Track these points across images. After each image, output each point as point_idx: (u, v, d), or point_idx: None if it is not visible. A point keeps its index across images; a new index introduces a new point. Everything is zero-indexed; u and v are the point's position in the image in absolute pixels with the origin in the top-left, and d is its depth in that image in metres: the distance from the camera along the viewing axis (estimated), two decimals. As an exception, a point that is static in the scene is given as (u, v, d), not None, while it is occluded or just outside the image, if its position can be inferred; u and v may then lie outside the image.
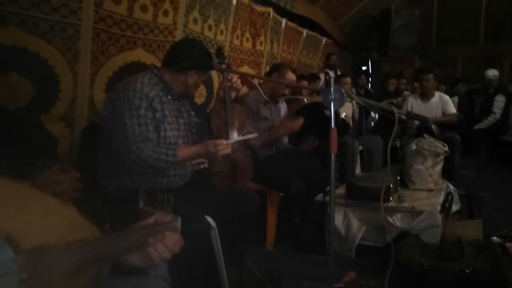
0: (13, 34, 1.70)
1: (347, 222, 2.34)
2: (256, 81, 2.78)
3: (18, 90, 1.73)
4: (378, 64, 6.50)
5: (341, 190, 2.59)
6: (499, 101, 5.15)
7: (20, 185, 0.65)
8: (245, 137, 1.86)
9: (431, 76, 4.07)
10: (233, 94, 1.91)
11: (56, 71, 1.89)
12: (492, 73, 5.33)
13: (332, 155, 1.46)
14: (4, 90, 1.69)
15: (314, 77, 4.54)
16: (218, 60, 1.95)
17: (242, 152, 2.06)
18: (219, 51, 2.00)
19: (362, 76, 5.20)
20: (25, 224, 0.61)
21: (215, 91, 3.13)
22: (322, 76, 5.28)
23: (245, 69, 3.69)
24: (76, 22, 1.94)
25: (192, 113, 1.96)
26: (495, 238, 2.40)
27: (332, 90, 1.44)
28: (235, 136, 1.89)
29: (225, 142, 1.65)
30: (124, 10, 2.21)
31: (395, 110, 1.41)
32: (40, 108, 1.85)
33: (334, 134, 1.46)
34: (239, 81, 1.87)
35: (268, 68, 3.91)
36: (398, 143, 4.27)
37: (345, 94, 1.44)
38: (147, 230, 0.80)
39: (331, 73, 5.44)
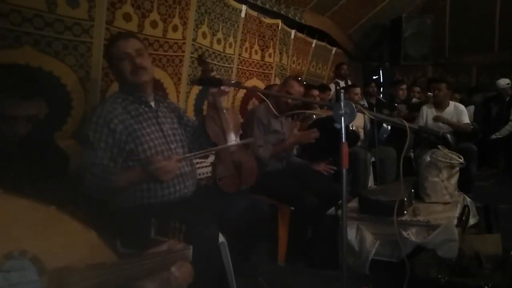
0: (27, 53, 1.77)
1: (360, 236, 2.34)
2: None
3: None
4: (390, 73, 6.52)
5: (354, 203, 2.59)
6: (517, 109, 5.11)
7: (47, 208, 0.70)
8: (241, 141, 1.90)
9: (443, 85, 4.08)
10: (223, 98, 1.93)
11: (68, 89, 1.96)
12: (504, 82, 5.33)
13: (344, 170, 1.48)
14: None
15: (324, 88, 4.56)
16: (201, 68, 1.98)
17: (243, 153, 2.08)
18: (200, 59, 2.02)
19: (373, 84, 5.22)
20: (50, 246, 0.65)
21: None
22: (332, 86, 5.32)
23: (254, 81, 3.74)
24: (88, 40, 2.01)
25: (184, 115, 1.97)
26: (514, 252, 2.37)
27: (342, 104, 1.47)
28: (232, 138, 1.93)
29: (164, 162, 1.58)
30: (134, 26, 2.28)
31: (407, 124, 1.43)
32: (53, 125, 1.92)
33: (345, 148, 1.48)
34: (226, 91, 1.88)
35: (277, 80, 3.97)
36: (412, 154, 4.26)
37: (355, 108, 1.46)
38: (160, 257, 0.83)
39: (342, 83, 5.47)
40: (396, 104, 4.57)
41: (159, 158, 1.60)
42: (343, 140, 1.47)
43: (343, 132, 1.47)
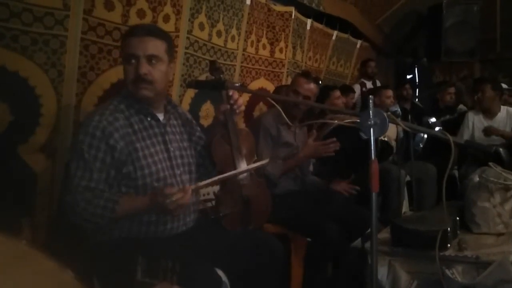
0: (-11, 50, 1.81)
1: (393, 275, 2.32)
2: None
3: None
4: (428, 72, 6.53)
5: (385, 234, 2.57)
6: None
7: (16, 244, 0.70)
8: (254, 165, 1.90)
9: (488, 86, 4.09)
10: (236, 116, 1.95)
11: (37, 92, 1.99)
12: None
13: (373, 194, 1.48)
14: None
15: (346, 90, 4.59)
16: (213, 77, 2.01)
17: (255, 185, 2.09)
18: (213, 65, 2.05)
19: (407, 86, 5.24)
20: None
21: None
22: (357, 87, 5.35)
23: (262, 82, 3.77)
24: (62, 33, 2.05)
25: (196, 130, 2.00)
26: None
27: (371, 113, 1.47)
28: (243, 166, 1.93)
29: (175, 190, 1.58)
30: (118, 16, 2.32)
31: (451, 138, 1.43)
32: (18, 136, 1.94)
33: (375, 168, 1.48)
34: (241, 101, 1.91)
35: (290, 80, 3.99)
36: (456, 173, 4.24)
37: (388, 119, 1.47)
38: None
39: (369, 84, 5.50)
40: (430, 118, 4.57)
41: (172, 189, 1.59)
42: (373, 157, 1.47)
43: (372, 147, 1.47)
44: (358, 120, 1.50)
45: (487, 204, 2.62)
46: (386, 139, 3.63)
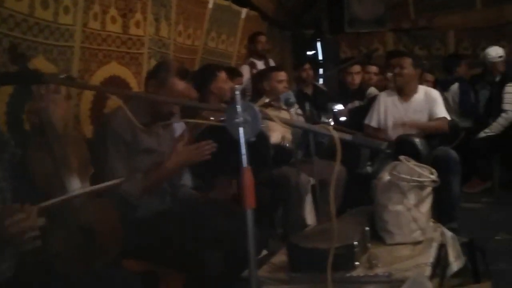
0: None
1: (294, 309, 2.39)
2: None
3: None
4: (332, 46, 6.83)
5: (282, 256, 2.65)
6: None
7: None
8: (102, 185, 1.89)
9: (408, 61, 4.32)
10: (59, 116, 1.92)
11: None
12: (496, 52, 5.79)
13: (248, 212, 1.52)
14: None
15: (232, 73, 4.64)
16: (16, 66, 1.96)
17: (95, 206, 2.06)
18: (14, 52, 2.01)
19: (307, 66, 5.44)
20: None
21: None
22: (246, 69, 5.44)
23: (114, 67, 3.69)
24: None
25: (9, 144, 1.92)
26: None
27: (238, 108, 1.50)
28: (76, 184, 1.89)
29: (16, 207, 1.59)
30: None
31: (335, 134, 1.51)
32: None
33: (248, 177, 1.52)
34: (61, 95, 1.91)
35: (152, 64, 3.94)
36: (369, 169, 4.48)
37: (259, 115, 1.51)
38: None
39: (260, 64, 5.62)
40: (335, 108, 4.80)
41: (13, 207, 1.59)
42: (244, 165, 1.51)
43: (242, 152, 1.50)
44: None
45: (400, 207, 2.78)
46: (282, 143, 3.75)
